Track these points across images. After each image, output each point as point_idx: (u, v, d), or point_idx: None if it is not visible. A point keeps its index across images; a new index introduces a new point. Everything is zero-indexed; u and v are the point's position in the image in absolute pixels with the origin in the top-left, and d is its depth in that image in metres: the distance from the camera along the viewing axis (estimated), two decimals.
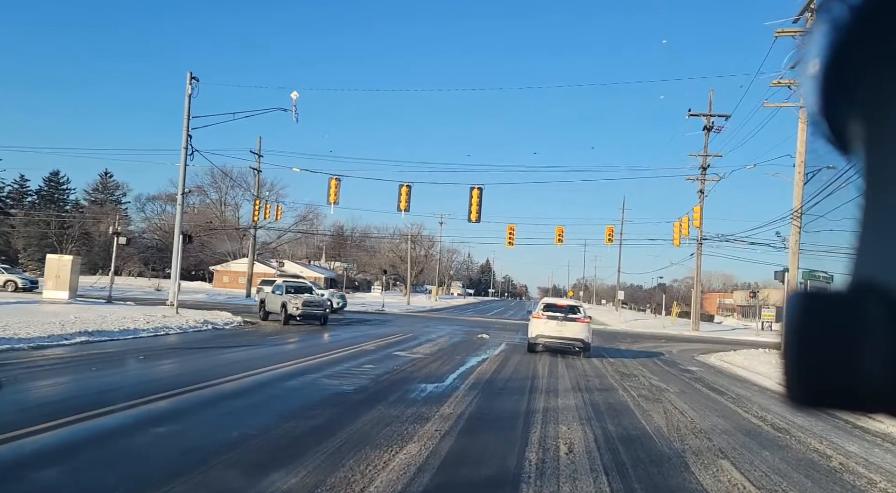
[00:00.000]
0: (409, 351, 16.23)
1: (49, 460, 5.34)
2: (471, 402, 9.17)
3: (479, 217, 27.43)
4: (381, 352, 15.57)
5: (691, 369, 17.75)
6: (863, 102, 0.52)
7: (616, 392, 11.55)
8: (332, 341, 18.57)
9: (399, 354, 15.40)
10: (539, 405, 9.39)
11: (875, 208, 0.52)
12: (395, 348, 16.64)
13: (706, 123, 45.48)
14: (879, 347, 0.47)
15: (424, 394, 9.64)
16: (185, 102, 27.19)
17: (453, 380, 11.43)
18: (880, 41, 0.50)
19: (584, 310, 19.05)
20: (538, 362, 16.16)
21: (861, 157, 0.53)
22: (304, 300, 22.46)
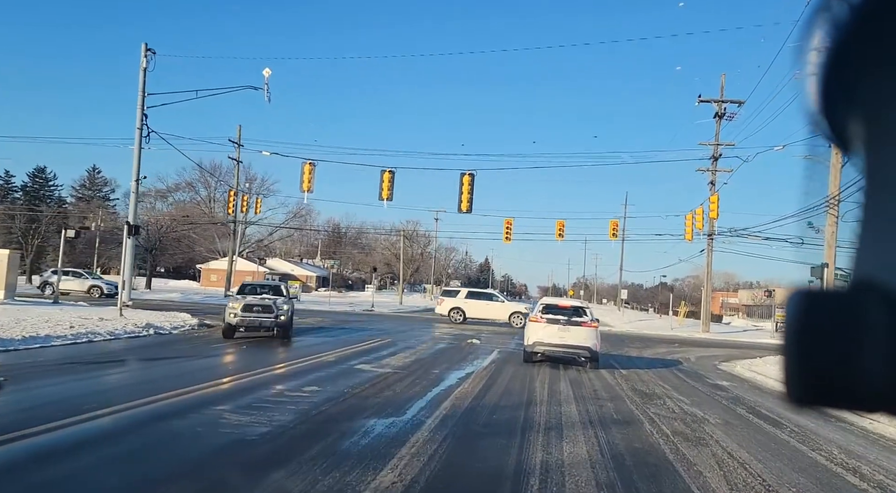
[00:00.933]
0: (377, 363, 13.19)
1: None
2: (433, 455, 6.13)
3: (471, 207, 24.41)
4: (340, 366, 12.53)
5: (721, 383, 14.72)
6: (863, 100, 0.52)
7: (641, 427, 8.50)
8: (289, 350, 15.54)
9: (362, 368, 12.36)
10: (535, 458, 6.34)
11: (875, 207, 0.52)
12: (360, 360, 13.60)
13: (718, 109, 42.42)
14: (880, 346, 0.47)
15: (367, 441, 6.60)
16: (140, 76, 24.16)
17: (419, 411, 8.38)
18: (880, 40, 0.50)
19: (590, 312, 16.00)
20: (536, 377, 13.12)
21: (861, 156, 0.53)
22: (244, 304, 16.65)
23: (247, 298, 17.23)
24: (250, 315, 16.64)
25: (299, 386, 9.70)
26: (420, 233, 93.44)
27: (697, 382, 14.64)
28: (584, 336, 15.09)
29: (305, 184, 24.84)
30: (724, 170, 41.46)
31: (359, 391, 9.60)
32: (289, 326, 17.36)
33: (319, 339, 18.45)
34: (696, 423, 9.12)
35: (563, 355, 15.37)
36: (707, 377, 15.73)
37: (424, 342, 19.55)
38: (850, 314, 0.49)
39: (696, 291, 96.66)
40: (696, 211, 33.17)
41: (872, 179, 0.52)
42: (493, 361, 15.65)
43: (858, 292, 0.50)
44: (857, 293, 0.49)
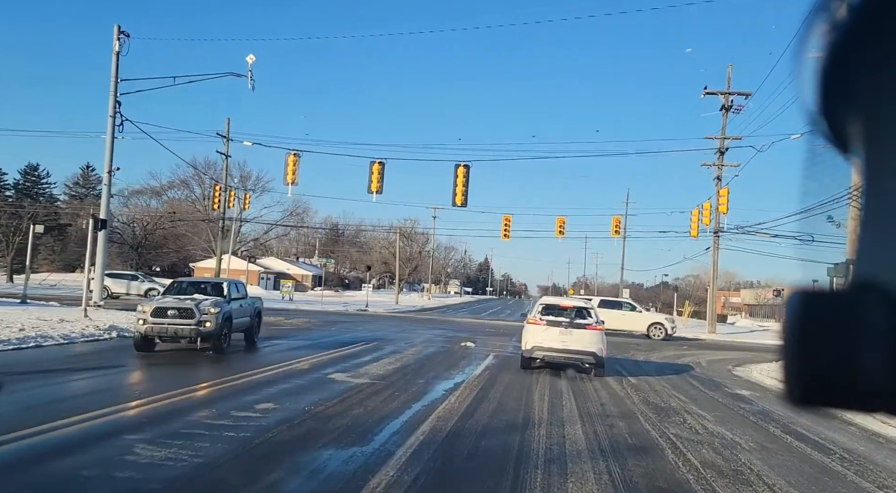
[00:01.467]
0: (355, 372, 11.63)
1: None
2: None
3: (466, 200, 22.87)
4: (311, 376, 10.97)
5: (741, 393, 13.17)
6: (862, 100, 0.53)
7: (663, 457, 6.94)
8: (264, 354, 13.99)
9: (335, 378, 10.80)
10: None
11: (874, 207, 0.52)
12: (336, 368, 12.05)
13: (724, 102, 40.84)
14: (879, 346, 0.47)
15: (312, 485, 5.04)
16: (112, 61, 22.59)
17: (390, 437, 6.83)
18: (879, 40, 0.50)
19: (595, 313, 14.44)
20: (534, 387, 11.57)
21: (860, 156, 0.53)
22: (155, 307, 12.96)
23: (165, 299, 13.65)
24: (163, 321, 12.71)
25: (252, 403, 8.14)
26: (418, 232, 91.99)
27: (715, 391, 13.08)
28: (588, 340, 13.55)
29: (290, 176, 23.27)
30: (730, 164, 39.88)
31: (322, 410, 8.04)
32: (218, 335, 13.00)
33: (298, 343, 16.89)
34: (727, 449, 7.56)
35: (564, 362, 13.82)
36: (724, 386, 14.18)
37: (414, 346, 18.00)
38: (849, 314, 0.48)
39: (697, 290, 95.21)
40: (704, 205, 31.58)
41: (871, 179, 0.52)
42: (488, 367, 14.10)
43: (858, 291, 0.49)
44: (857, 293, 0.49)
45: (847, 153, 0.56)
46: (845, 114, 0.54)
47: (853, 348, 0.48)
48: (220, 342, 13.24)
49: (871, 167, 0.53)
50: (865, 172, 0.53)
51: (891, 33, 0.49)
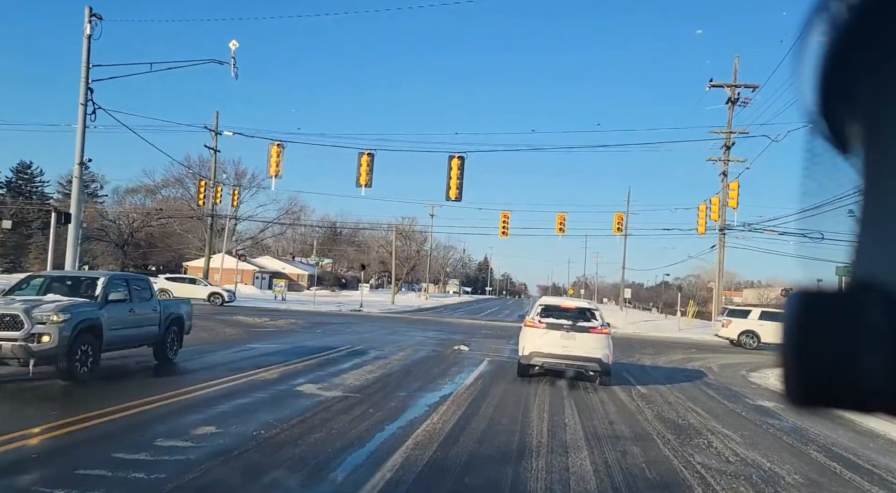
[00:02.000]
0: (328, 383, 10.21)
1: None
2: None
3: (461, 194, 21.45)
4: (275, 388, 9.54)
5: (764, 404, 11.75)
6: (862, 101, 0.53)
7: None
8: (230, 359, 12.56)
9: (304, 390, 9.38)
10: None
11: (874, 207, 0.52)
12: (308, 378, 10.63)
13: (730, 94, 39.43)
14: (879, 346, 0.47)
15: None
16: (84, 45, 21.13)
17: (350, 475, 5.42)
18: (879, 40, 0.50)
19: (600, 315, 13.02)
20: (532, 400, 10.16)
21: (860, 156, 0.54)
22: None
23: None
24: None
25: (190, 427, 6.72)
26: (416, 230, 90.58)
27: (736, 403, 11.67)
28: (592, 345, 12.13)
29: (273, 168, 21.84)
30: (737, 159, 38.45)
31: (275, 434, 6.63)
32: (65, 353, 8.78)
33: (274, 347, 15.47)
34: (769, 485, 6.14)
35: (566, 369, 12.41)
36: (744, 395, 12.76)
37: (403, 350, 16.58)
38: (849, 315, 0.48)
39: (699, 290, 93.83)
40: (713, 201, 30.14)
41: (871, 179, 0.52)
42: (481, 375, 12.68)
43: (858, 292, 0.50)
44: (857, 294, 0.49)
45: (847, 153, 0.55)
46: (845, 114, 0.54)
47: (853, 349, 0.48)
48: (71, 365, 8.90)
49: (871, 167, 0.53)
50: (865, 173, 0.53)
51: (890, 33, 0.49)
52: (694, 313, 50.03)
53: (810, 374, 0.51)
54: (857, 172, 0.54)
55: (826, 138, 0.57)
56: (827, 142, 0.57)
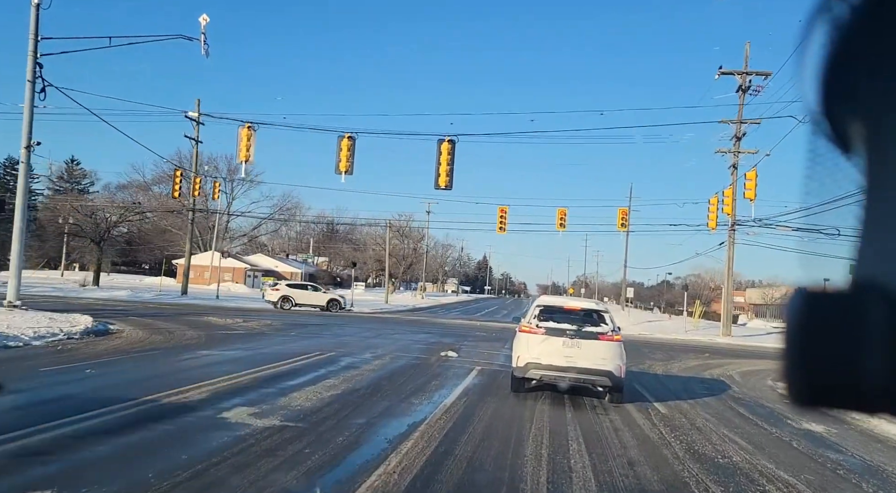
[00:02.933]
0: (269, 406, 8.04)
1: None
2: None
3: (451, 181, 19.29)
4: (194, 415, 7.36)
5: (814, 429, 9.60)
6: (864, 100, 0.53)
7: None
8: (162, 372, 10.38)
9: (231, 418, 7.21)
10: None
11: (876, 207, 0.52)
12: (246, 398, 8.46)
13: (741, 82, 37.24)
14: (881, 346, 0.47)
15: None
16: (31, 14, 19.00)
17: None
18: (881, 40, 0.50)
19: (610, 318, 10.85)
20: (527, 427, 8.00)
21: (862, 155, 0.54)
22: None
23: None
24: None
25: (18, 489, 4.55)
26: (412, 227, 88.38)
27: (778, 427, 9.52)
28: (602, 356, 9.98)
29: (243, 153, 19.68)
30: (747, 151, 36.27)
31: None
32: None
33: (230, 354, 13.31)
34: None
35: (569, 384, 10.26)
36: (783, 416, 10.60)
37: (381, 357, 14.42)
38: (851, 314, 0.48)
39: (702, 290, 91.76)
40: (725, 192, 27.94)
41: (873, 179, 0.52)
42: (467, 391, 10.52)
43: (860, 291, 0.49)
44: (859, 293, 0.49)
45: (849, 153, 0.55)
46: (847, 114, 0.54)
47: (856, 349, 0.47)
48: None
49: (873, 168, 0.52)
50: (867, 173, 0.53)
51: (892, 33, 0.49)
52: (700, 314, 47.89)
53: (813, 374, 0.49)
54: (859, 172, 0.54)
55: (828, 138, 0.56)
56: (829, 142, 0.56)
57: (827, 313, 0.50)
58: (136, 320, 20.78)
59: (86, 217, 42.92)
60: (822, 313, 0.50)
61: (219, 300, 37.71)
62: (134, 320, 20.70)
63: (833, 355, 0.49)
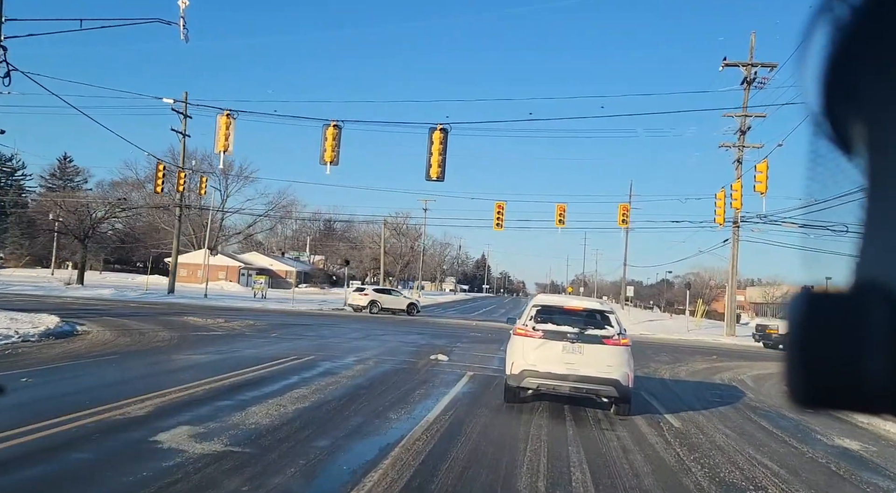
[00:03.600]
0: (218, 425, 6.84)
1: None
2: None
3: (443, 173, 18.09)
4: (122, 437, 6.13)
5: (849, 446, 8.42)
6: (865, 101, 0.53)
7: None
8: (111, 381, 9.18)
9: (164, 442, 6.00)
10: None
11: (878, 208, 0.52)
12: (192, 415, 7.26)
13: (746, 74, 36.07)
14: (883, 347, 0.47)
15: None
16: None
17: None
18: (882, 41, 0.50)
19: (616, 320, 9.63)
20: (521, 452, 6.80)
21: (864, 156, 0.53)
22: None
23: None
24: None
25: None
26: (409, 225, 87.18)
27: (809, 445, 8.33)
28: (607, 362, 8.79)
29: (221, 142, 18.45)
30: (752, 145, 35.15)
31: None
32: None
33: (198, 359, 12.10)
34: None
35: (570, 394, 9.07)
36: (811, 430, 9.42)
37: (364, 361, 13.22)
38: (853, 315, 0.48)
39: (702, 289, 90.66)
40: (733, 186, 26.72)
41: (874, 179, 0.52)
42: (455, 402, 9.32)
43: (861, 292, 0.49)
44: (860, 294, 0.49)
45: (850, 154, 0.55)
46: (848, 115, 0.53)
47: (857, 350, 0.47)
48: None
49: (875, 168, 0.52)
50: (869, 173, 0.53)
51: (892, 34, 0.48)
52: (703, 313, 46.70)
53: (814, 375, 0.49)
54: (860, 172, 0.54)
55: (830, 139, 0.56)
56: (830, 142, 0.56)
57: (829, 313, 0.49)
58: (109, 320, 19.58)
59: (70, 213, 41.61)
60: (824, 314, 0.49)
61: (207, 299, 36.49)
62: (108, 320, 19.50)
63: (835, 355, 0.48)
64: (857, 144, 0.54)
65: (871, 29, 0.50)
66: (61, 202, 43.66)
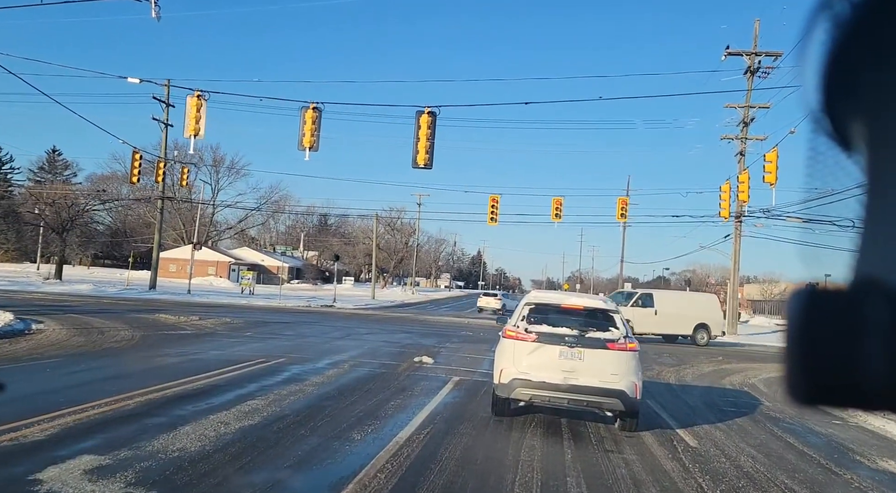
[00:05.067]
0: (130, 454, 5.53)
1: None
2: None
3: (431, 160, 16.77)
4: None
5: (893, 468, 7.16)
6: (865, 98, 0.53)
7: None
8: (34, 391, 7.84)
9: (49, 482, 4.70)
10: None
11: (877, 205, 0.52)
12: (104, 439, 5.94)
13: (749, 63, 34.77)
14: (881, 344, 0.47)
15: None
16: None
17: None
18: (882, 38, 0.50)
19: (621, 320, 8.30)
20: (508, 481, 5.50)
21: (863, 154, 0.54)
22: None
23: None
24: None
25: None
26: (403, 220, 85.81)
27: (852, 470, 7.05)
28: (612, 370, 7.51)
29: (191, 126, 17.07)
30: (756, 137, 33.87)
31: None
32: None
33: (159, 361, 10.78)
34: None
35: (568, 407, 7.78)
36: (846, 448, 8.15)
37: (339, 365, 11.90)
38: (851, 312, 0.48)
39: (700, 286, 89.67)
40: (740, 177, 25.44)
41: (874, 177, 0.52)
42: (434, 415, 8.01)
43: (860, 290, 0.49)
44: (859, 291, 0.49)
45: (850, 151, 0.55)
46: (848, 112, 0.53)
47: (857, 347, 0.47)
48: None
49: (875, 165, 0.52)
50: (868, 171, 0.53)
51: (892, 31, 0.48)
52: None
53: (814, 372, 0.49)
54: (860, 169, 0.54)
55: (829, 136, 0.56)
56: (830, 140, 0.56)
57: (828, 310, 0.49)
58: (74, 317, 18.23)
59: (48, 206, 40.14)
60: (823, 311, 0.49)
61: (189, 295, 35.12)
62: (72, 317, 18.15)
63: (835, 352, 0.48)
64: (856, 140, 0.53)
65: (870, 25, 0.49)
66: (37, 195, 42.15)
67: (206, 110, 17.11)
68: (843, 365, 0.48)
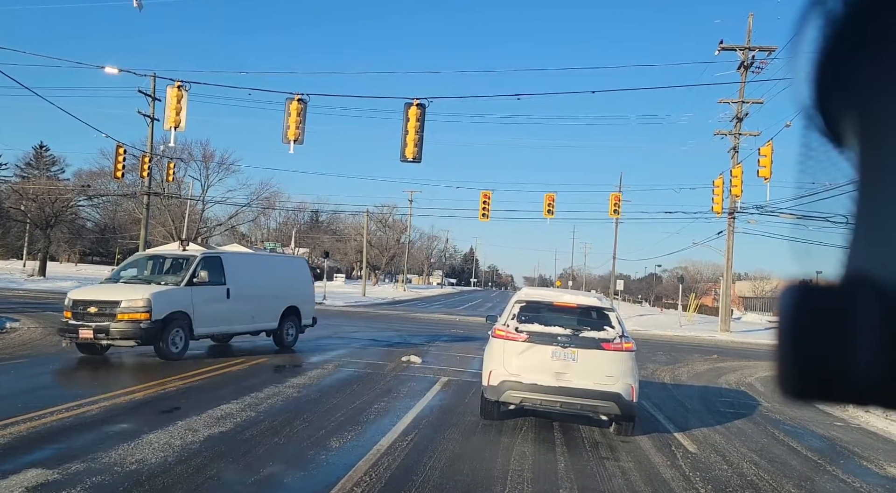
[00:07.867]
0: (88, 465, 5.06)
1: None
2: None
3: (420, 154, 16.31)
4: None
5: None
6: (857, 95, 0.53)
7: None
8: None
9: None
10: None
11: (869, 202, 0.52)
12: (61, 448, 5.47)
13: (743, 58, 34.47)
14: (872, 340, 0.47)
15: None
16: None
17: None
18: (874, 34, 0.50)
19: (617, 319, 7.86)
20: (499, 492, 5.08)
21: (855, 150, 0.54)
22: None
23: None
24: None
25: None
26: (395, 217, 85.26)
27: (861, 478, 6.66)
28: (607, 371, 7.09)
29: (172, 117, 16.54)
30: (749, 133, 33.61)
31: None
32: None
33: (133, 361, 10.29)
34: None
35: (561, 411, 7.35)
36: (852, 452, 7.77)
37: (322, 365, 11.44)
38: (843, 308, 0.49)
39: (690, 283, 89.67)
40: (733, 172, 25.10)
41: (866, 173, 0.52)
42: (419, 419, 7.57)
43: (852, 285, 0.50)
44: (851, 287, 0.50)
45: (842, 147, 0.55)
46: (840, 108, 0.53)
47: (847, 342, 0.48)
48: None
49: (867, 161, 0.52)
50: (860, 167, 0.53)
51: (885, 27, 0.49)
52: (696, 308, 45.33)
53: (805, 367, 0.50)
54: (852, 166, 0.54)
55: (821, 132, 0.56)
56: (822, 136, 0.56)
57: (819, 306, 0.50)
58: (53, 315, 17.64)
59: (31, 202, 39.37)
60: (815, 307, 0.50)
61: None
62: (51, 315, 17.58)
63: (825, 348, 0.48)
64: (848, 137, 0.53)
65: (862, 22, 0.49)
66: (21, 190, 41.36)
67: (188, 102, 16.56)
68: (835, 361, 0.48)
